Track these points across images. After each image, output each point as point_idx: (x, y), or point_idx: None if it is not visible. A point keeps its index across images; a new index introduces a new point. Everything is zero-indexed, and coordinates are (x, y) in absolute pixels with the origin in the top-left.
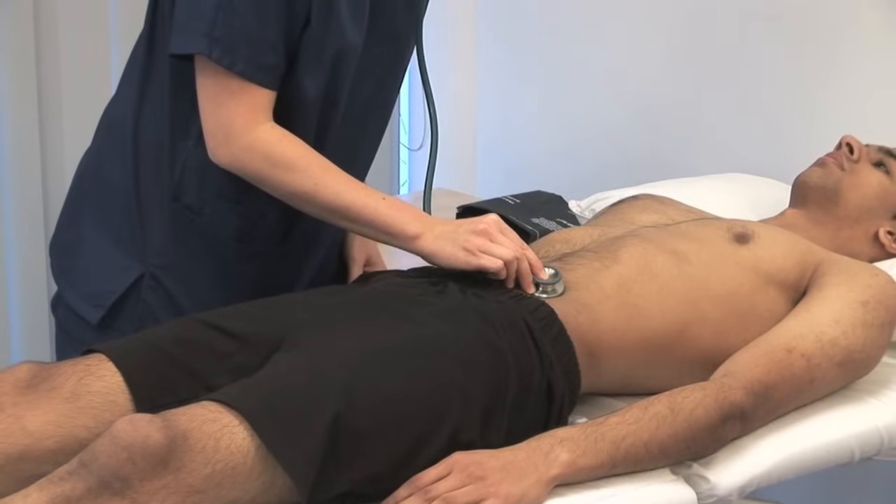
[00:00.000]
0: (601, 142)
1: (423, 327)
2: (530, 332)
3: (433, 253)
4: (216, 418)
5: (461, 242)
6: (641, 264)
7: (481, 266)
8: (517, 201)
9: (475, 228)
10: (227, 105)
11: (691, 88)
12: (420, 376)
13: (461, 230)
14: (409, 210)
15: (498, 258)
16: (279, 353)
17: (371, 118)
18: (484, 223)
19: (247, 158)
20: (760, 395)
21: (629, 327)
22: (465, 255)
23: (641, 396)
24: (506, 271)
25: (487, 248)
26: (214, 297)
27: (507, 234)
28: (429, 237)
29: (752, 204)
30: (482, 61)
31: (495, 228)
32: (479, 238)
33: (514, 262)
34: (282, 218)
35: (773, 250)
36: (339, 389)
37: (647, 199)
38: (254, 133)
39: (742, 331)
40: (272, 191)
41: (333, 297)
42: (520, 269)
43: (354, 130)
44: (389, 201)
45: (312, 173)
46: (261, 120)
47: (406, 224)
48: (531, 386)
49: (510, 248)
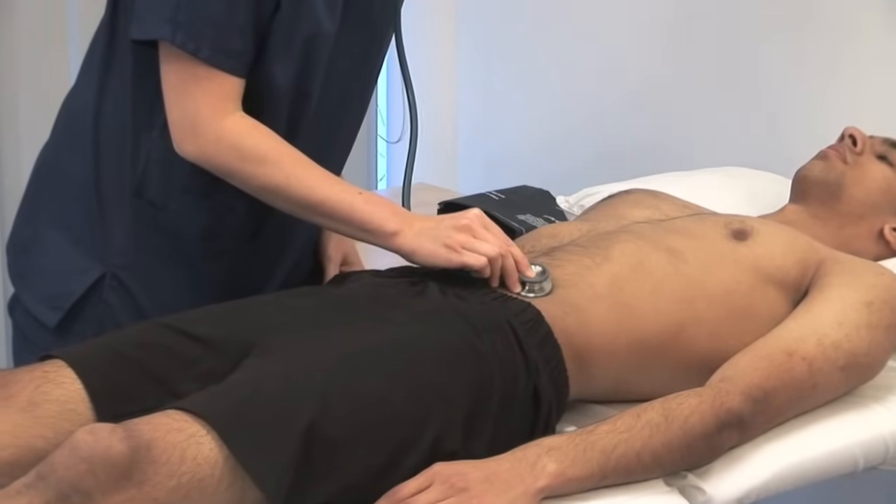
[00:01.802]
0: (591, 133)
1: (401, 330)
2: (515, 335)
3: (413, 250)
4: (182, 428)
5: (442, 239)
6: (634, 262)
7: (464, 263)
8: (502, 196)
9: (457, 224)
10: (192, 94)
11: (687, 76)
12: (398, 382)
13: (442, 226)
14: (386, 206)
15: (481, 255)
16: (249, 358)
17: (347, 109)
18: (466, 218)
19: (214, 151)
20: (759, 401)
21: (621, 329)
22: (447, 252)
23: (633, 403)
24: (490, 269)
25: (470, 245)
26: (180, 299)
27: (490, 229)
28: (408, 234)
29: (750, 199)
30: (462, 48)
31: (478, 224)
32: (462, 234)
33: (499, 258)
34: (251, 214)
35: (772, 248)
36: (312, 396)
37: (639, 194)
38: (222, 123)
39: (740, 333)
40: (241, 185)
41: (307, 299)
42: (505, 266)
43: (329, 122)
44: (366, 196)
45: (284, 166)
46: (229, 110)
47: (384, 220)
48: (516, 392)
49: (494, 245)
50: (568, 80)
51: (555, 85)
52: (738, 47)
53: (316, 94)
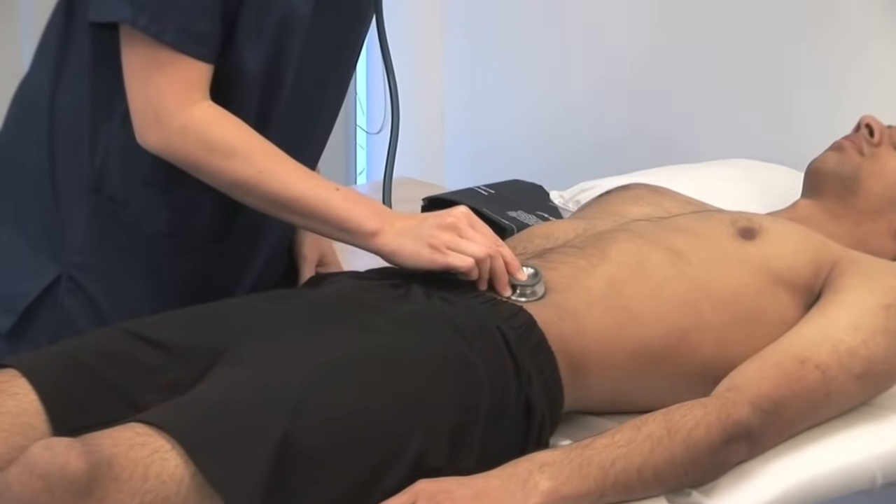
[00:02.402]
0: (588, 123)
1: (382, 336)
2: (506, 341)
3: (394, 251)
4: (145, 442)
5: (426, 239)
6: (633, 263)
7: (448, 265)
8: (491, 192)
9: (442, 222)
10: (156, 81)
11: (691, 60)
12: (379, 392)
13: (425, 225)
14: (365, 203)
15: (468, 256)
16: (217, 367)
17: (323, 97)
18: (452, 216)
19: (180, 142)
20: (769, 412)
21: (619, 335)
22: (431, 252)
23: (633, 415)
24: (477, 271)
25: (456, 245)
26: (142, 302)
27: (478, 228)
28: (389, 234)
29: (759, 194)
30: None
31: (465, 222)
32: (447, 233)
33: (487, 260)
34: (219, 210)
35: (783, 247)
36: (286, 407)
37: (639, 189)
38: (188, 113)
39: (748, 339)
40: (209, 179)
41: (281, 303)
42: (493, 268)
43: (303, 111)
44: (344, 193)
45: (255, 160)
46: (196, 98)
47: (363, 219)
48: (507, 403)
49: (482, 245)
50: (562, 64)
51: (548, 70)
52: (747, 28)
53: (289, 80)
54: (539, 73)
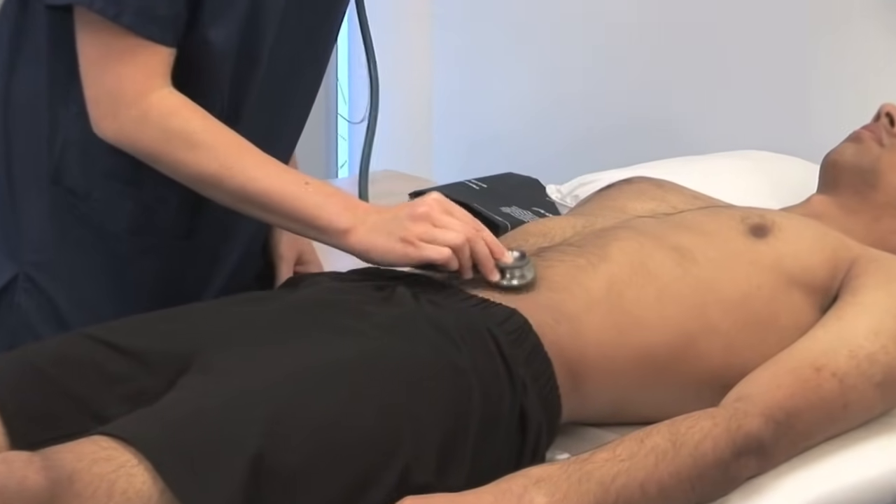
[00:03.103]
0: (586, 112)
1: (365, 342)
2: (498, 347)
3: (366, 249)
4: (110, 457)
5: (398, 233)
6: (636, 262)
7: (423, 258)
8: (483, 186)
9: (413, 213)
10: (113, 67)
11: (699, 44)
12: (361, 402)
13: (398, 217)
14: (338, 197)
15: (444, 246)
16: (187, 375)
17: (298, 82)
18: (423, 205)
19: (138, 132)
20: (782, 423)
21: (621, 341)
22: (403, 247)
23: (636, 426)
24: (456, 260)
25: (431, 236)
26: (105, 304)
27: (453, 213)
28: (361, 230)
29: (771, 188)
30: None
31: (438, 209)
32: (419, 224)
33: (466, 246)
34: (186, 204)
35: (797, 245)
36: (261, 419)
37: (642, 183)
38: (147, 100)
39: (759, 344)
40: (170, 172)
41: (256, 306)
42: (476, 252)
43: (279, 96)
44: (315, 187)
45: (220, 151)
46: (156, 85)
47: (335, 215)
48: (500, 414)
49: (459, 231)
50: (559, 48)
51: (544, 54)
52: (760, 9)
53: (264, 62)
54: (534, 58)
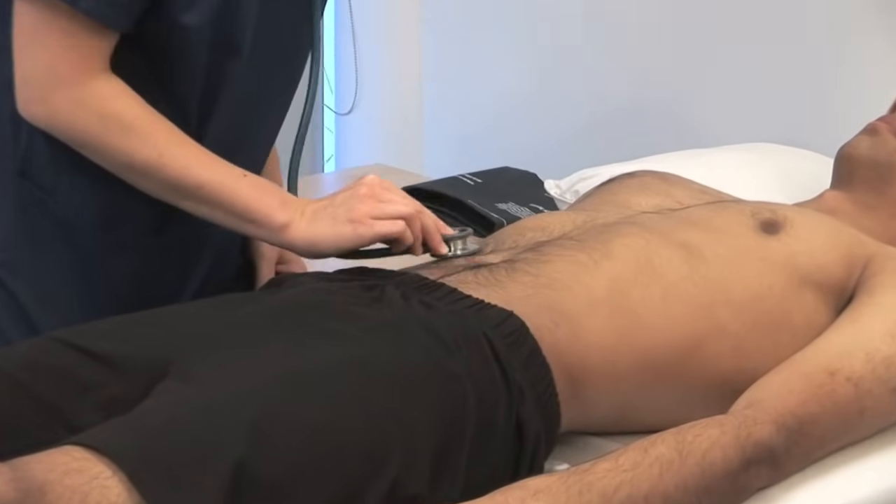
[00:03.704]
0: (586, 102)
1: (352, 346)
2: (494, 351)
3: (311, 242)
4: (82, 468)
5: (344, 215)
6: (641, 260)
7: (378, 234)
8: (478, 181)
9: (356, 193)
10: (49, 44)
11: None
12: (348, 410)
13: (338, 201)
14: (275, 192)
15: (395, 217)
16: (164, 381)
17: (279, 76)
18: (364, 185)
19: (72, 115)
20: (795, 431)
21: (624, 343)
22: (353, 228)
23: (640, 435)
24: (410, 233)
25: (380, 211)
26: (75, 305)
27: (393, 190)
28: (300, 224)
29: (782, 183)
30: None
31: (379, 187)
32: (365, 203)
33: (416, 217)
34: (158, 199)
35: (810, 242)
36: (242, 428)
37: (646, 177)
38: (86, 85)
39: (771, 347)
40: (101, 159)
41: (235, 308)
42: (425, 225)
43: (257, 92)
44: (251, 180)
45: (157, 140)
46: (95, 69)
47: (272, 210)
48: (496, 422)
49: (406, 203)
50: (557, 34)
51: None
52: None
53: (244, 53)
54: (530, 43)
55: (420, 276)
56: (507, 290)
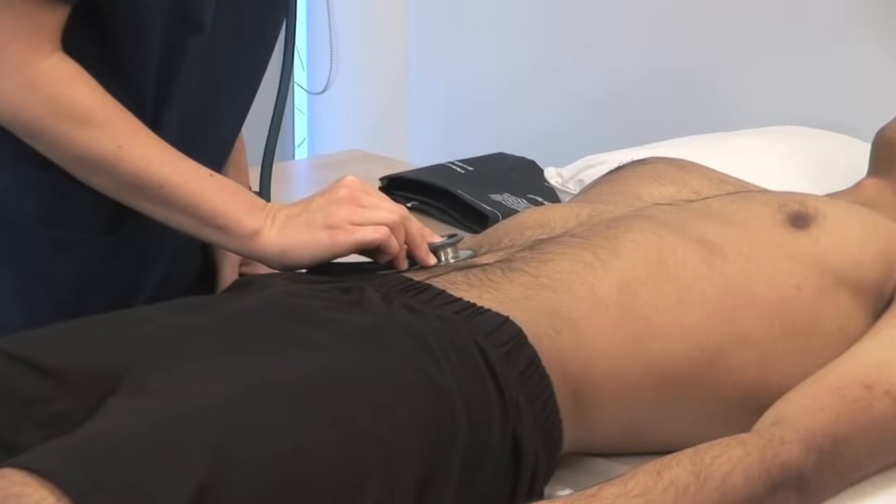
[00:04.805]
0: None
1: (327, 356)
2: (487, 362)
3: (283, 250)
4: (22, 493)
5: (321, 221)
6: (653, 259)
7: (358, 242)
8: (469, 169)
9: (333, 197)
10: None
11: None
12: (322, 428)
13: (314, 206)
14: (244, 196)
15: (379, 223)
16: (115, 397)
17: (245, 48)
18: (343, 187)
19: (21, 101)
20: (827, 451)
21: (635, 353)
22: (331, 234)
23: (652, 456)
24: (395, 242)
25: (361, 217)
26: (14, 310)
27: (374, 194)
28: (271, 232)
29: (814, 170)
30: None
31: (359, 189)
32: (344, 208)
33: (402, 225)
34: None
35: (845, 237)
36: (204, 450)
37: (659, 165)
38: (36, 66)
39: (800, 356)
40: (52, 151)
41: (195, 314)
42: (410, 233)
43: (221, 74)
44: (219, 181)
45: (116, 132)
46: (46, 49)
47: (241, 215)
48: (489, 442)
49: (390, 209)
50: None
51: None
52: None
53: (205, 29)
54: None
55: (404, 276)
56: (503, 291)
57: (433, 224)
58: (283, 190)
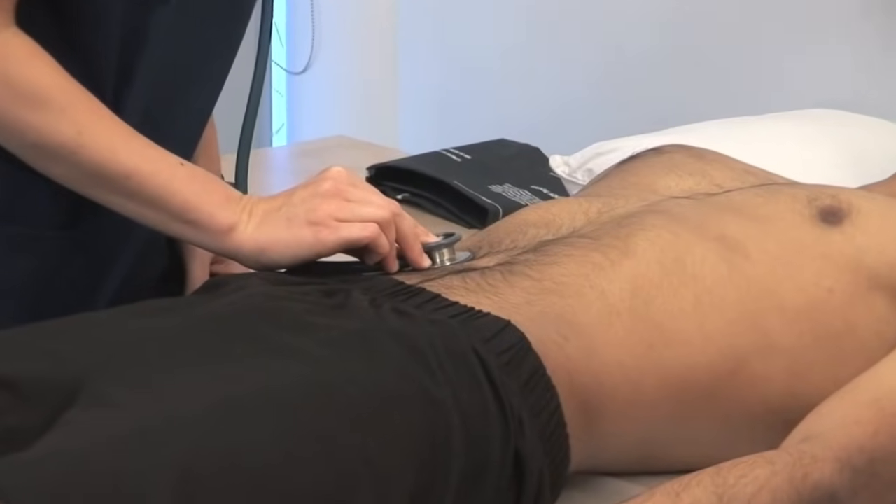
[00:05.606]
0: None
1: (308, 365)
2: (486, 371)
3: (262, 248)
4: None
5: (303, 216)
6: (669, 259)
7: (344, 240)
8: (467, 157)
9: (318, 190)
10: None
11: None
12: (303, 444)
13: (295, 199)
14: (216, 186)
15: (367, 220)
16: (74, 408)
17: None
18: (328, 179)
19: None
20: (862, 471)
21: (650, 362)
22: (314, 231)
23: (669, 476)
24: (385, 240)
25: (349, 212)
26: None
27: (363, 187)
28: (248, 227)
29: (847, 159)
30: None
31: (346, 182)
32: (329, 202)
33: (392, 222)
34: None
35: (881, 235)
36: (171, 466)
37: (678, 154)
38: None
39: (832, 366)
40: (8, 138)
41: (163, 318)
42: (402, 231)
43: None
44: (190, 171)
45: (78, 116)
46: (1, 23)
47: (215, 208)
48: (488, 460)
49: (380, 203)
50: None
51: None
52: None
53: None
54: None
55: (394, 279)
56: (503, 296)
57: (426, 218)
58: (259, 180)
